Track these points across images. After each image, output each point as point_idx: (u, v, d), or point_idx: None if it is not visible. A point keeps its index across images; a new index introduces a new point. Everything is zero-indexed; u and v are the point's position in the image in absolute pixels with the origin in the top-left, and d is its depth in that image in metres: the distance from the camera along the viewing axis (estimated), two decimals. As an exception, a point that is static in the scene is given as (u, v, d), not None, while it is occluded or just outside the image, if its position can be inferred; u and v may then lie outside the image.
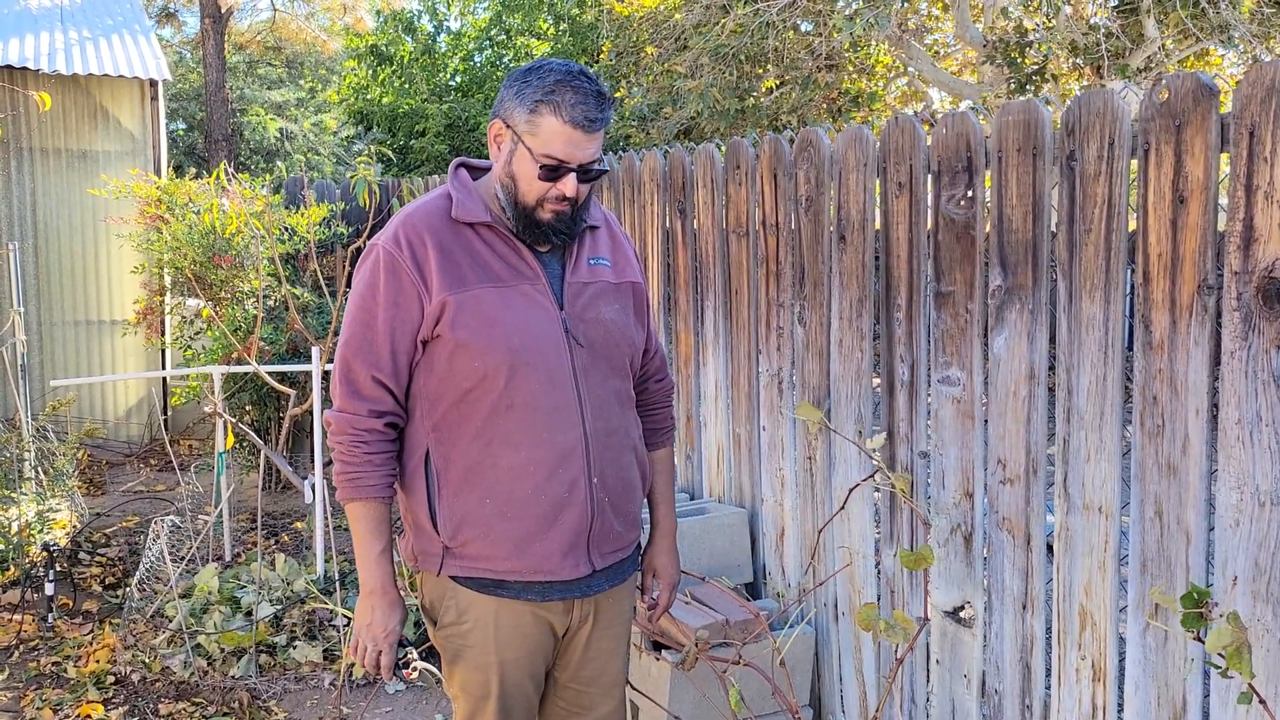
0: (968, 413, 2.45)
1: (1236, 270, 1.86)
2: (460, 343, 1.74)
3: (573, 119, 1.69)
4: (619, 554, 1.92)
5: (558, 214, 1.77)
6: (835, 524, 2.90)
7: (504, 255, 1.79)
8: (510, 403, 1.76)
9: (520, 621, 1.84)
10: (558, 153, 1.71)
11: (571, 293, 1.83)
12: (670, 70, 9.64)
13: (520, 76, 1.74)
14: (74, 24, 7.46)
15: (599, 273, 1.88)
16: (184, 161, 14.72)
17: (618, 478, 1.88)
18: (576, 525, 1.82)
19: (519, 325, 1.76)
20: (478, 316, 1.74)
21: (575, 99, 1.69)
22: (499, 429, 1.77)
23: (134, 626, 3.88)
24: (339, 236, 6.06)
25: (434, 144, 13.37)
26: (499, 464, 1.78)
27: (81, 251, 6.88)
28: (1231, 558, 1.92)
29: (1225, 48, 7.99)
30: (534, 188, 1.74)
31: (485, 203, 1.82)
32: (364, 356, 1.78)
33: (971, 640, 2.49)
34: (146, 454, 6.89)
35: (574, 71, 1.71)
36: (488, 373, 1.75)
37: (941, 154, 2.44)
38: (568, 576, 1.83)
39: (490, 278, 1.77)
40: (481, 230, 1.80)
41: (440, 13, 16.15)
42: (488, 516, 1.79)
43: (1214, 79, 1.91)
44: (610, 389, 1.87)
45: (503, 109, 1.75)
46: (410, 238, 1.76)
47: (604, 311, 1.86)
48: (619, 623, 1.99)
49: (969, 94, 9.35)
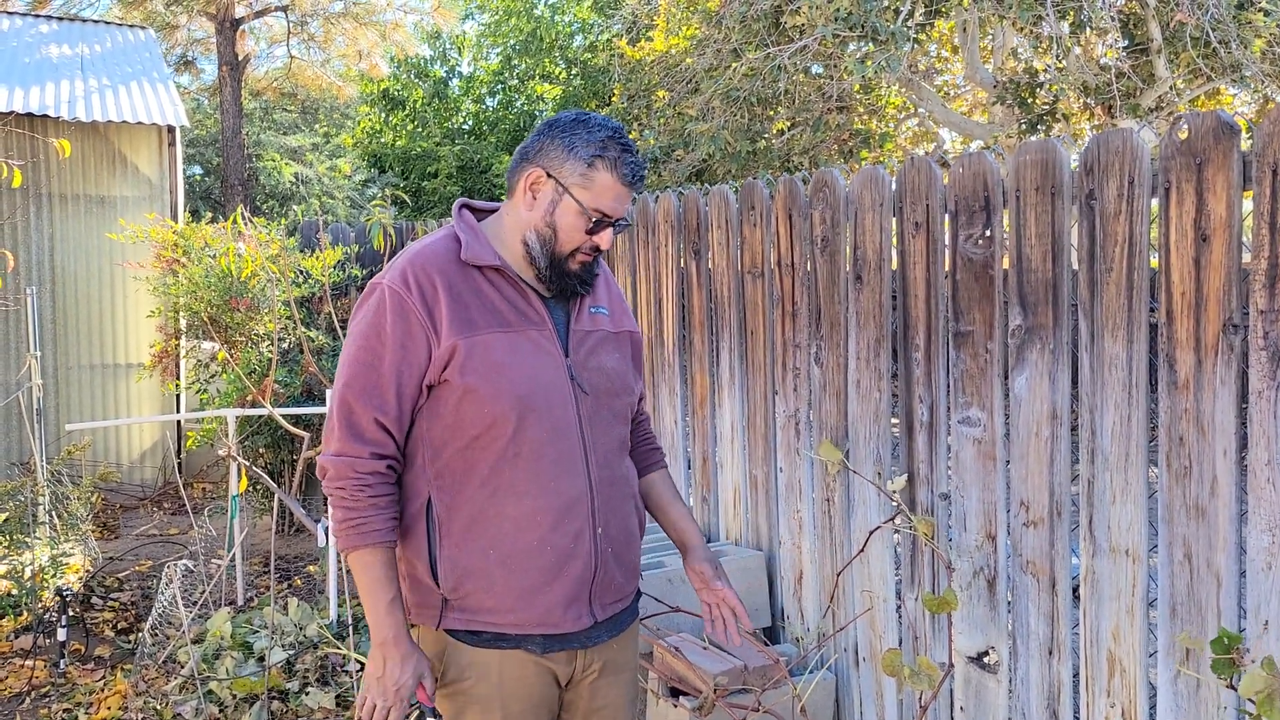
0: (989, 454, 2.42)
1: (1263, 309, 1.84)
2: (469, 388, 1.70)
3: (624, 177, 1.72)
4: (619, 604, 1.88)
5: (584, 264, 1.78)
6: (855, 567, 2.86)
7: (512, 300, 1.77)
8: (517, 451, 1.72)
9: (524, 673, 1.79)
10: (606, 208, 1.72)
11: (576, 340, 1.81)
12: (682, 113, 9.73)
13: (566, 128, 1.73)
14: (94, 72, 7.58)
15: (599, 321, 1.87)
16: (200, 206, 14.88)
17: (620, 527, 1.85)
18: (580, 576, 1.78)
19: (527, 372, 1.73)
20: (486, 362, 1.71)
21: (627, 157, 1.72)
22: (505, 478, 1.73)
23: (146, 672, 3.84)
24: (353, 279, 6.10)
25: (446, 185, 13.49)
26: (504, 514, 1.73)
27: (98, 296, 6.93)
28: (1264, 601, 1.88)
29: (1237, 87, 8.02)
30: (575, 239, 1.75)
31: (492, 246, 1.79)
32: (368, 399, 1.72)
33: (996, 687, 2.44)
34: (160, 497, 6.89)
35: (618, 128, 1.74)
36: (496, 420, 1.71)
37: (959, 193, 2.43)
38: (570, 629, 1.79)
39: (499, 322, 1.74)
40: (489, 274, 1.77)
41: (452, 58, 16.37)
42: (491, 568, 1.74)
43: (1234, 117, 1.90)
44: (613, 437, 1.85)
45: (545, 159, 1.74)
46: (420, 279, 1.71)
47: (605, 360, 1.85)
48: (625, 671, 1.94)
49: (980, 134, 9.39)
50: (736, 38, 8.51)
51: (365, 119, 16.33)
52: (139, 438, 7.10)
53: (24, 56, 7.69)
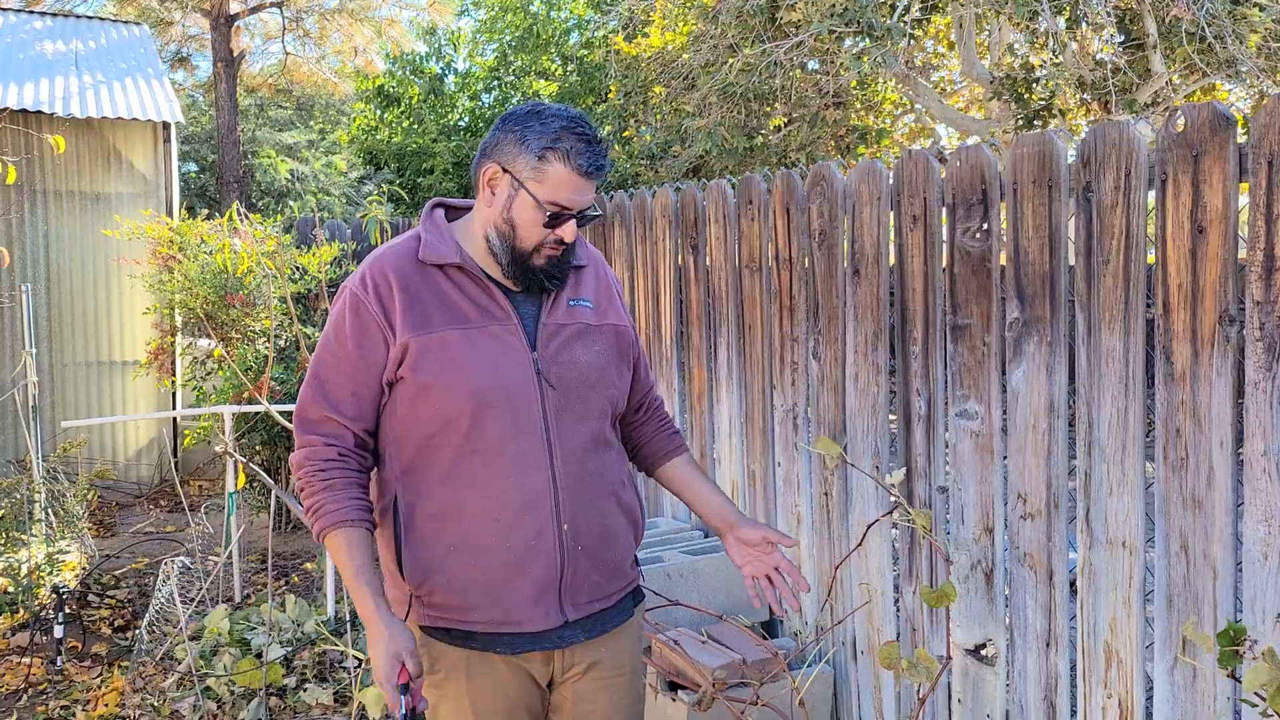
0: (986, 447, 2.42)
1: (1259, 300, 1.84)
2: (423, 385, 1.70)
3: (580, 167, 1.68)
4: (597, 604, 1.83)
5: (550, 259, 1.75)
6: (853, 561, 2.86)
7: (473, 296, 1.75)
8: (474, 447, 1.71)
9: (494, 672, 1.76)
10: (564, 200, 1.69)
11: (545, 334, 1.78)
12: (679, 109, 9.72)
13: (519, 121, 1.71)
14: (88, 68, 7.56)
15: (578, 314, 1.83)
16: (196, 203, 14.85)
17: (593, 524, 1.79)
18: (545, 575, 1.74)
19: (485, 367, 1.71)
20: (442, 359, 1.70)
21: (582, 147, 1.68)
22: (464, 474, 1.72)
23: (143, 669, 3.84)
24: (349, 275, 6.10)
25: (442, 181, 13.47)
26: (464, 511, 1.72)
27: (94, 293, 6.92)
28: (1261, 592, 1.88)
29: (1232, 82, 8.03)
30: (534, 234, 1.72)
31: (458, 243, 1.78)
32: (322, 398, 1.75)
33: (994, 679, 2.45)
34: (157, 495, 6.88)
35: (575, 117, 1.70)
36: (451, 416, 1.70)
37: (956, 187, 2.43)
38: (538, 628, 1.75)
39: (457, 319, 1.73)
40: (450, 271, 1.76)
41: (448, 54, 16.35)
42: (453, 565, 1.73)
43: (1230, 109, 1.91)
44: (585, 432, 1.79)
45: (499, 153, 1.72)
46: (376, 279, 1.74)
47: (579, 353, 1.81)
48: (619, 673, 1.88)
49: (976, 130, 9.39)
50: (733, 33, 8.51)
51: (361, 115, 16.30)
52: (135, 435, 7.09)
53: (18, 53, 7.67)
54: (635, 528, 1.91)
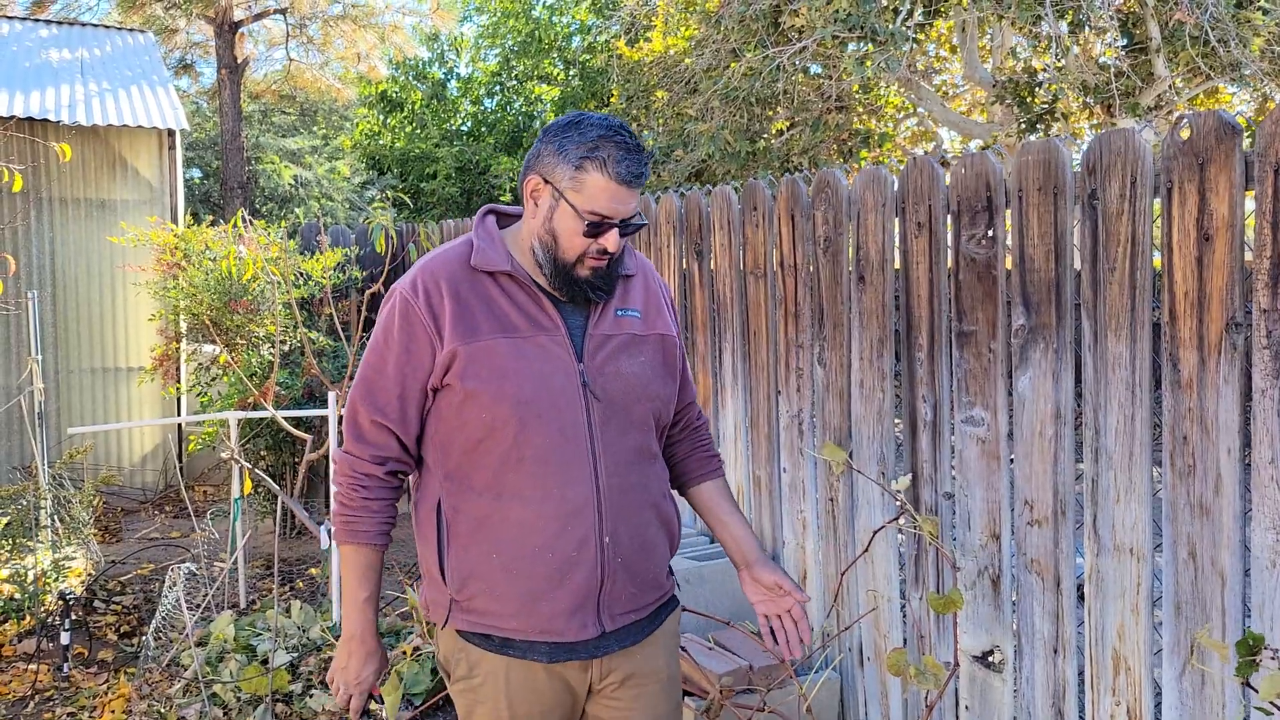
0: (993, 453, 2.42)
1: (1265, 307, 1.85)
2: (470, 393, 1.71)
3: (618, 175, 1.67)
4: (633, 615, 1.84)
5: (595, 269, 1.75)
6: (859, 567, 2.86)
7: (522, 305, 1.76)
8: (520, 455, 1.72)
9: (533, 679, 1.78)
10: (602, 209, 1.69)
11: (592, 345, 1.78)
12: (681, 113, 9.73)
13: (559, 131, 1.72)
14: (94, 76, 7.59)
15: (625, 324, 1.83)
16: (200, 209, 14.89)
17: (633, 537, 1.80)
18: (585, 585, 1.75)
19: (531, 377, 1.72)
20: (489, 367, 1.71)
21: (620, 154, 1.68)
22: (508, 482, 1.74)
23: (149, 676, 3.84)
24: (354, 281, 6.11)
25: (445, 186, 13.49)
26: (508, 518, 1.74)
27: (99, 299, 6.94)
28: (1269, 599, 1.88)
29: (1236, 86, 8.03)
30: (575, 244, 1.72)
31: (509, 252, 1.79)
32: (369, 401, 1.78)
33: (1002, 686, 2.44)
34: (162, 501, 6.89)
35: (615, 126, 1.70)
36: (496, 424, 1.71)
37: (961, 193, 2.44)
38: (574, 638, 1.77)
39: (505, 328, 1.74)
40: (501, 279, 1.77)
41: (450, 60, 16.38)
42: (494, 571, 1.75)
43: (1235, 117, 1.91)
44: (629, 444, 1.80)
45: (541, 164, 1.73)
46: (427, 285, 1.75)
47: (625, 364, 1.81)
48: (653, 681, 1.88)
49: (979, 134, 9.40)
50: (735, 38, 8.52)
51: (364, 121, 16.33)
52: (140, 441, 7.10)
53: (24, 61, 7.69)
54: (672, 539, 1.92)
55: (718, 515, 1.99)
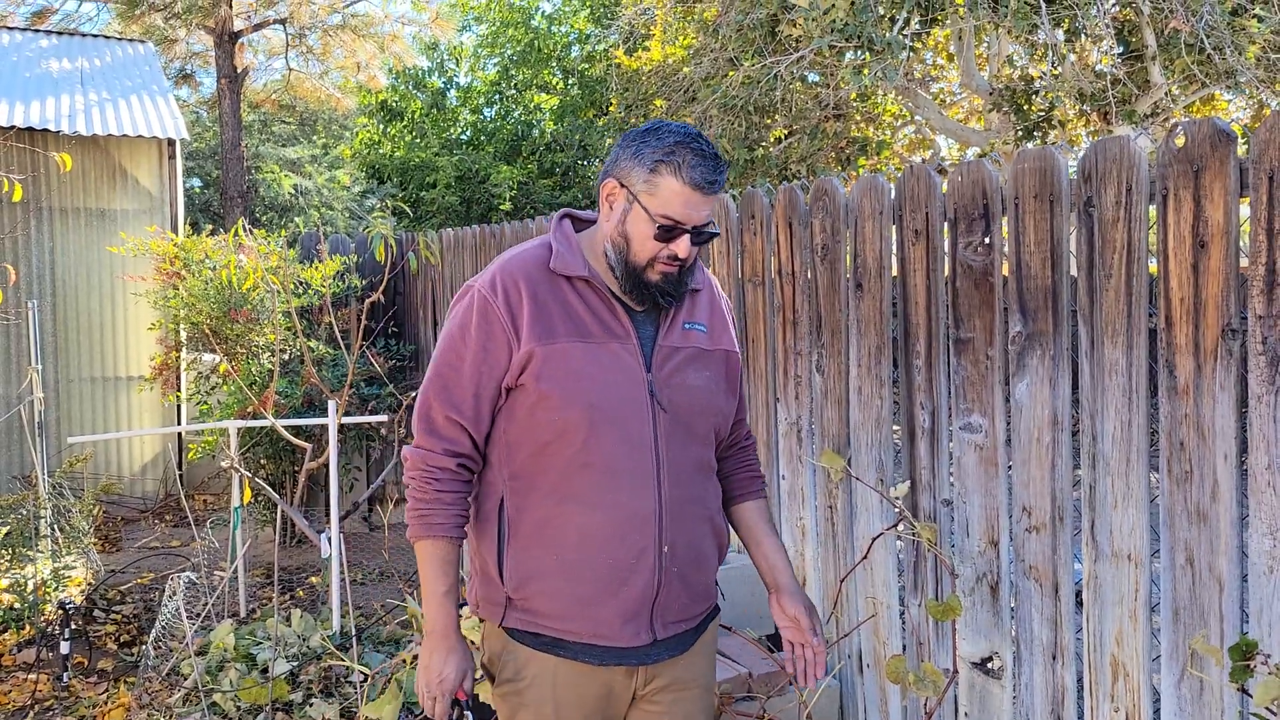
0: (991, 460, 2.43)
1: (1260, 314, 1.86)
2: (543, 395, 1.73)
3: (692, 180, 1.69)
4: (683, 624, 1.87)
5: (666, 275, 1.76)
6: (858, 574, 2.87)
7: (597, 311, 1.78)
8: (587, 461, 1.74)
9: (579, 681, 1.80)
10: (675, 213, 1.70)
11: (661, 356, 1.80)
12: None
13: (637, 137, 1.74)
14: (94, 86, 7.61)
15: (692, 337, 1.85)
16: (200, 219, 14.91)
17: (690, 548, 1.83)
18: (641, 594, 1.78)
19: (602, 383, 1.74)
20: (563, 370, 1.73)
21: (695, 160, 1.69)
22: (574, 487, 1.75)
23: (149, 685, 3.84)
24: (353, 289, 6.12)
25: (444, 195, 13.51)
26: (570, 522, 1.76)
27: (99, 308, 6.95)
28: (1267, 605, 1.89)
29: (1231, 93, 8.05)
30: (647, 247, 1.74)
31: (585, 257, 1.81)
32: (444, 397, 1.78)
33: (1001, 692, 2.45)
34: (162, 510, 6.89)
35: (692, 134, 1.72)
36: (566, 428, 1.73)
37: (958, 201, 2.45)
38: (627, 644, 1.80)
39: (580, 332, 1.76)
40: (578, 284, 1.79)
41: (450, 69, 16.42)
42: (553, 574, 1.77)
43: (1230, 124, 1.92)
44: (691, 456, 1.83)
45: (617, 168, 1.75)
46: (506, 284, 1.76)
47: (691, 378, 1.83)
48: (693, 687, 1.92)
49: (976, 141, 9.42)
50: (733, 47, 8.55)
51: (364, 130, 16.37)
52: (140, 450, 7.10)
53: (24, 71, 7.72)
54: (721, 551, 1.95)
55: (755, 536, 2.01)
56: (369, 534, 6.29)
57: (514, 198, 13.44)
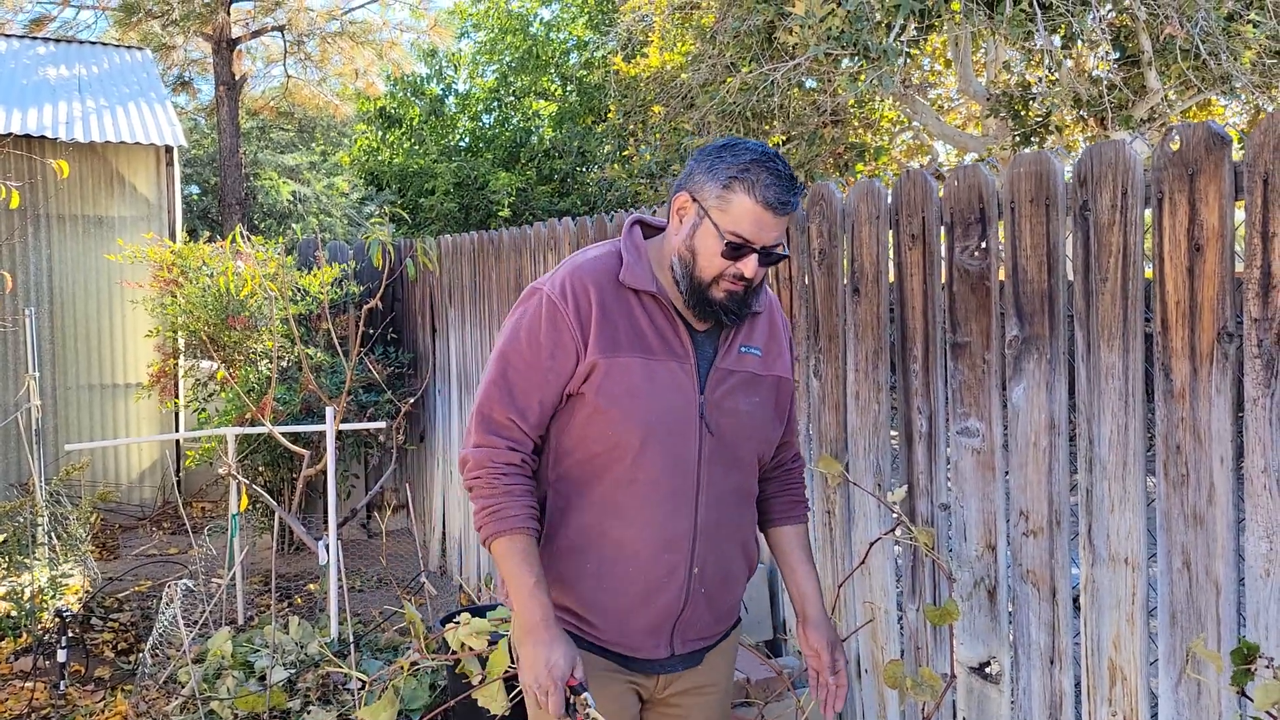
0: (988, 464, 2.43)
1: (1256, 317, 1.86)
2: (599, 408, 1.73)
3: (765, 199, 1.67)
4: (702, 643, 1.89)
5: (730, 293, 1.73)
6: (856, 579, 2.86)
7: (660, 328, 1.77)
8: (634, 477, 1.74)
9: (606, 679, 1.82)
10: (745, 232, 1.68)
11: (715, 378, 1.79)
12: (678, 128, 9.77)
13: (713, 152, 1.72)
14: (91, 93, 7.61)
15: (747, 361, 1.84)
16: (198, 226, 14.91)
17: (719, 570, 1.85)
18: (666, 610, 1.80)
19: (658, 401, 1.74)
20: (622, 384, 1.72)
21: (769, 179, 1.67)
22: (616, 500, 1.76)
23: (146, 693, 3.83)
24: (351, 296, 6.12)
25: (443, 202, 13.52)
26: (607, 534, 1.76)
27: (96, 316, 6.94)
28: (1264, 608, 1.89)
29: (1227, 98, 8.07)
30: (714, 264, 1.71)
31: (654, 272, 1.79)
32: (508, 400, 1.76)
33: (999, 697, 2.44)
34: (160, 517, 6.88)
35: (769, 153, 1.70)
36: (619, 442, 1.73)
37: (954, 205, 2.45)
38: (645, 655, 1.82)
39: (642, 347, 1.74)
40: (644, 298, 1.77)
41: (448, 76, 16.45)
42: (585, 580, 1.78)
43: (1224, 128, 1.92)
44: (731, 482, 1.83)
45: (690, 182, 1.74)
46: (576, 290, 1.74)
47: (741, 403, 1.82)
48: (714, 691, 1.94)
49: (974, 147, 9.44)
50: (730, 53, 8.56)
51: (362, 137, 16.39)
52: (138, 457, 7.10)
53: (22, 78, 7.72)
54: (750, 571, 1.96)
55: (789, 563, 2.00)
56: (367, 541, 6.29)
57: (512, 204, 13.45)
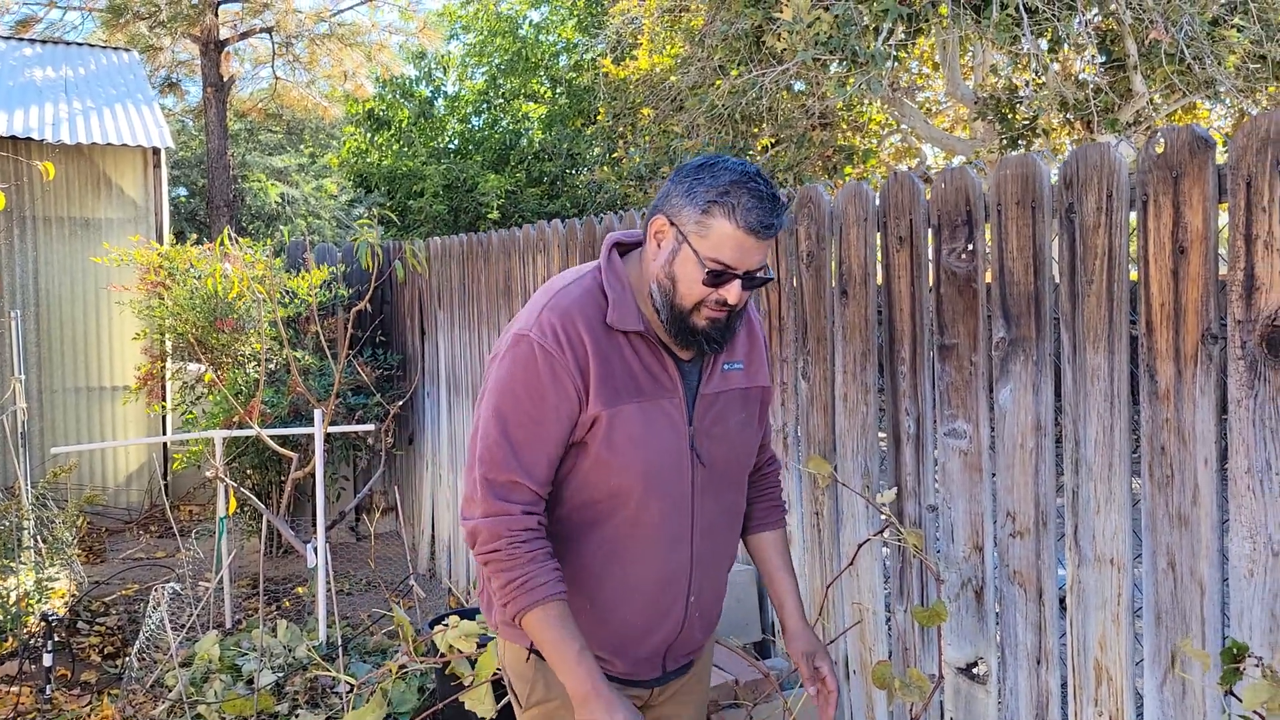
0: (975, 465, 2.44)
1: (1240, 319, 1.87)
2: (601, 460, 1.67)
3: (747, 224, 1.58)
4: (693, 656, 1.92)
5: (713, 320, 1.66)
6: (844, 580, 2.87)
7: (649, 365, 1.70)
8: (635, 522, 1.71)
9: None
10: (726, 258, 1.60)
11: (703, 406, 1.74)
12: (667, 131, 9.78)
13: (691, 173, 1.64)
14: (78, 94, 7.58)
15: (731, 379, 1.79)
16: (186, 228, 14.86)
17: (713, 592, 1.86)
18: (664, 638, 1.81)
19: (655, 444, 1.69)
20: (624, 433, 1.67)
21: (751, 202, 1.58)
22: (618, 544, 1.73)
23: (133, 697, 3.81)
24: (340, 298, 6.11)
25: (432, 204, 13.51)
26: (609, 575, 1.74)
27: (83, 318, 6.91)
28: (1247, 608, 1.90)
29: (1212, 102, 8.13)
30: (695, 291, 1.63)
31: (638, 306, 1.71)
32: (513, 460, 1.65)
33: (986, 697, 2.45)
34: (147, 520, 6.85)
35: (750, 173, 1.61)
36: (621, 489, 1.69)
37: (941, 208, 2.46)
38: (643, 677, 1.84)
39: (635, 391, 1.68)
40: (632, 337, 1.70)
41: (437, 78, 16.44)
42: (585, 615, 1.75)
43: (1209, 132, 1.94)
44: (723, 504, 1.81)
45: (668, 205, 1.65)
46: (571, 338, 1.65)
47: (730, 424, 1.79)
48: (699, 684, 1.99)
49: (962, 150, 9.48)
50: (719, 56, 8.58)
51: (351, 139, 16.37)
52: (125, 460, 7.06)
53: (8, 80, 7.68)
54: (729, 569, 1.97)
55: (769, 571, 1.98)
56: (356, 544, 6.27)
57: (501, 206, 13.44)
